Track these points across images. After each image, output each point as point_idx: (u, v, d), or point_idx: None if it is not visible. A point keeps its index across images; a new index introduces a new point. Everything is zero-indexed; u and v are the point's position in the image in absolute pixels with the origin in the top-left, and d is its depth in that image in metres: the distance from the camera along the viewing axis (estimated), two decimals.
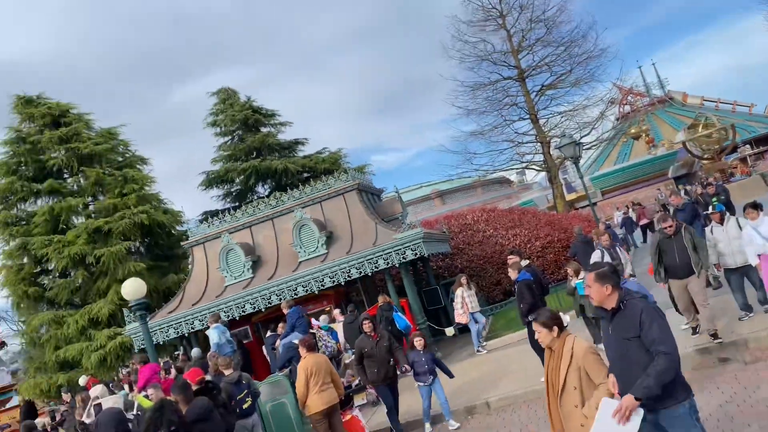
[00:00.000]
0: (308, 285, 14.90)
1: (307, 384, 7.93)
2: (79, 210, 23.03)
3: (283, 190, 20.63)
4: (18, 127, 23.98)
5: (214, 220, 17.49)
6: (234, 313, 15.30)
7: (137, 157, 25.35)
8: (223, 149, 26.90)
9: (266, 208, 16.94)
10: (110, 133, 24.83)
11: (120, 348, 19.63)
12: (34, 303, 22.47)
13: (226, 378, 8.42)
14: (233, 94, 27.42)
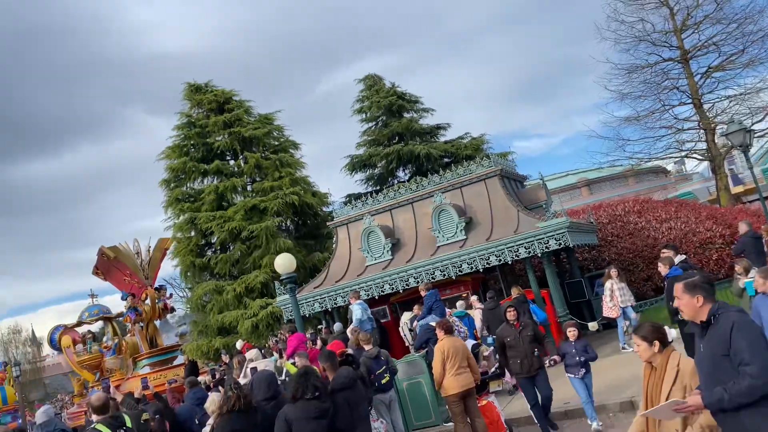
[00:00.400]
0: (446, 270, 15.02)
1: (443, 365, 8.05)
2: (239, 189, 25.08)
3: (423, 175, 20.89)
4: (188, 112, 26.53)
5: (357, 203, 18.17)
6: (373, 292, 15.83)
7: (290, 141, 27.00)
8: (367, 134, 27.75)
9: (407, 192, 17.25)
10: (267, 119, 26.66)
11: (270, 317, 21.16)
12: (199, 272, 24.86)
13: (367, 353, 8.77)
14: (379, 80, 28.12)
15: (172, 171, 25.34)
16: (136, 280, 17.04)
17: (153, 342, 16.67)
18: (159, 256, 17.61)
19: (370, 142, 27.28)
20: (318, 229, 25.36)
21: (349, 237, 17.76)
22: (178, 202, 25.03)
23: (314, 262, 22.99)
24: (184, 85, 26.70)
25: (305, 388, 5.77)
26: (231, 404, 5.70)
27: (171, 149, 25.75)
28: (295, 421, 5.60)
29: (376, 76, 28.29)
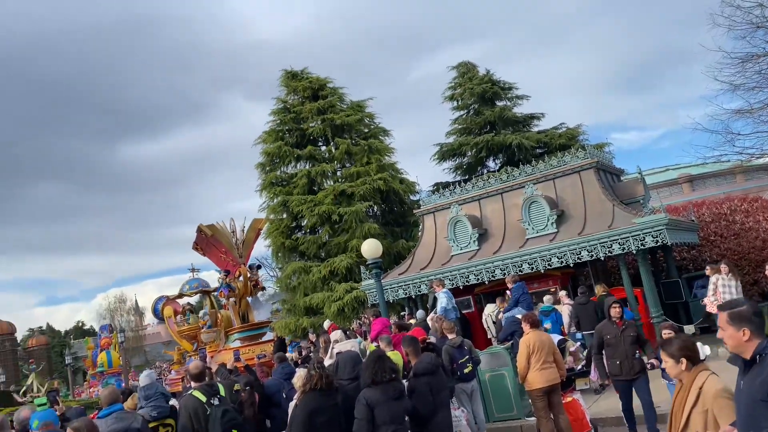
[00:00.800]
0: (534, 263, 14.70)
1: (528, 359, 7.92)
2: (329, 175, 25.67)
3: (514, 165, 20.48)
4: (284, 98, 27.38)
5: (444, 191, 18.10)
6: (458, 282, 15.77)
7: (380, 128, 27.27)
8: (458, 123, 27.47)
9: (496, 182, 16.98)
10: (359, 106, 27.05)
11: (355, 301, 21.60)
12: (289, 253, 25.75)
13: (449, 341, 8.77)
14: (472, 67, 27.73)
15: (267, 155, 26.28)
16: (230, 258, 17.79)
17: (245, 317, 17.42)
18: (252, 236, 18.31)
19: (461, 131, 27.01)
20: (404, 216, 25.52)
21: (436, 225, 17.75)
22: (272, 186, 25.95)
23: (399, 249, 23.18)
24: (282, 71, 27.59)
25: (383, 371, 5.87)
26: (313, 383, 5.88)
27: (267, 134, 26.71)
28: (377, 404, 5.71)
29: (469, 63, 27.93)
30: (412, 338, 7.47)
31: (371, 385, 5.86)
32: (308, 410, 5.69)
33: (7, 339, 53.03)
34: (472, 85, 26.48)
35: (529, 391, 8.17)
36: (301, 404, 5.90)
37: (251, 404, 8.43)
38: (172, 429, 6.65)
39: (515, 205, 16.02)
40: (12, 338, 54.44)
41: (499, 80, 27.16)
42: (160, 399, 6.72)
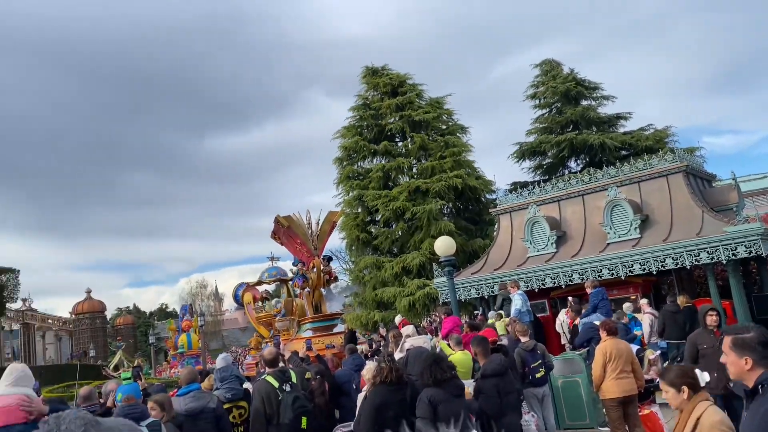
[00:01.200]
0: (615, 269, 14.14)
1: (604, 367, 7.64)
2: (405, 170, 25.75)
3: (597, 166, 19.81)
4: (364, 94, 27.69)
5: (522, 191, 17.72)
6: (533, 284, 15.40)
7: (458, 125, 27.09)
8: (539, 121, 26.87)
9: (578, 183, 16.45)
10: (438, 103, 26.96)
11: (426, 298, 21.58)
12: (362, 247, 26.06)
13: (522, 345, 8.59)
14: (556, 66, 27.04)
15: (345, 150, 26.69)
16: (305, 249, 18.16)
17: (318, 308, 17.76)
18: (327, 229, 18.62)
19: (542, 130, 26.40)
20: (480, 215, 25.24)
21: (512, 226, 17.41)
22: (349, 180, 26.33)
23: (473, 247, 22.95)
24: (363, 68, 27.92)
25: (441, 370, 5.81)
26: (383, 376, 5.90)
27: (346, 129, 27.12)
28: (439, 402, 5.66)
29: (553, 61, 27.25)
30: (482, 338, 7.37)
31: (432, 384, 5.81)
32: (377, 403, 5.71)
33: (98, 317, 56.47)
34: (556, 84, 25.81)
35: (603, 401, 7.88)
36: (370, 396, 5.93)
37: (321, 393, 8.57)
38: (245, 411, 6.86)
39: (597, 208, 15.47)
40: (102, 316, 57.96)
41: (584, 79, 26.35)
42: (234, 381, 6.95)
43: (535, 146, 25.84)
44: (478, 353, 6.97)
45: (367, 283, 25.00)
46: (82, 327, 54.85)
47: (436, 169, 24.27)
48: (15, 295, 46.31)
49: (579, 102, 25.96)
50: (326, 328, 17.36)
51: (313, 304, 17.75)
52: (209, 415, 6.08)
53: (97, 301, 57.33)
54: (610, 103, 26.40)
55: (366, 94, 27.64)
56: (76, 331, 55.24)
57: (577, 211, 16.25)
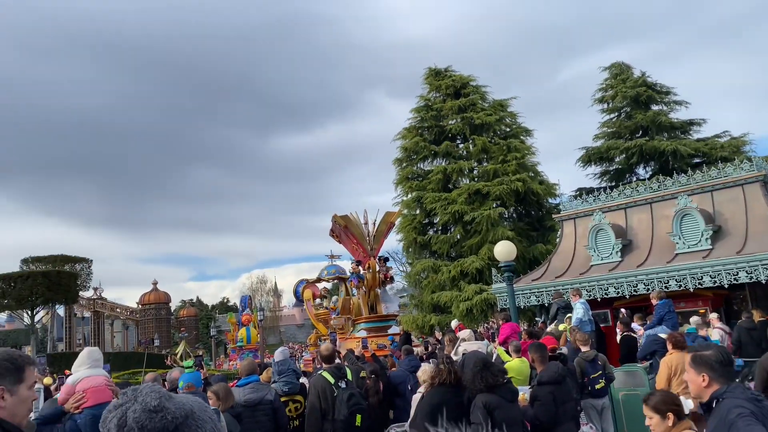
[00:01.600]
0: (683, 280, 13.57)
1: (668, 381, 7.34)
2: (465, 173, 25.55)
3: (667, 173, 19.10)
4: (426, 96, 27.67)
5: (587, 197, 17.27)
6: (596, 293, 14.97)
7: (522, 128, 26.65)
8: (607, 126, 26.14)
9: (646, 191, 15.89)
10: (501, 105, 26.62)
11: (484, 303, 21.33)
12: (419, 249, 26.02)
13: (582, 354, 8.37)
14: (626, 69, 26.24)
15: (405, 150, 26.72)
16: (361, 249, 18.24)
17: (373, 308, 17.82)
18: (384, 229, 18.62)
19: (610, 135, 25.66)
20: (541, 220, 24.74)
21: (576, 232, 16.99)
22: (408, 181, 26.35)
23: (534, 254, 22.53)
24: (426, 69, 27.88)
25: (493, 375, 5.71)
26: (442, 377, 5.87)
27: (407, 130, 27.16)
28: (495, 407, 5.58)
29: (623, 64, 26.47)
30: (540, 344, 7.22)
31: (485, 390, 5.73)
32: (434, 403, 5.69)
33: (163, 308, 58.64)
34: (626, 88, 25.04)
35: None
36: (427, 397, 5.92)
37: (376, 392, 8.62)
38: (301, 405, 6.97)
39: (665, 217, 14.91)
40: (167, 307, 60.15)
41: (656, 83, 25.46)
42: (291, 375, 7.07)
43: (602, 151, 25.14)
44: (536, 360, 6.84)
45: (424, 286, 24.95)
46: (148, 317, 57.09)
47: (499, 171, 23.97)
48: (87, 284, 48.73)
49: (650, 107, 25.09)
50: (380, 329, 17.37)
51: (369, 304, 17.81)
52: (267, 407, 6.22)
53: (163, 293, 59.50)
54: (683, 108, 25.42)
55: (428, 95, 27.62)
56: (142, 320, 57.56)
57: (644, 220, 15.71)
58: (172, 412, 1.28)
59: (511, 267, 12.56)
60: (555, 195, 24.96)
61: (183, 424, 1.29)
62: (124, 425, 1.26)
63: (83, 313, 54.37)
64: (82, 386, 4.47)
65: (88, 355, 4.76)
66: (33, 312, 36.85)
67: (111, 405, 1.32)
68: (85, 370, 4.61)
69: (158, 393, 1.30)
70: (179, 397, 1.34)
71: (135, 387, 1.34)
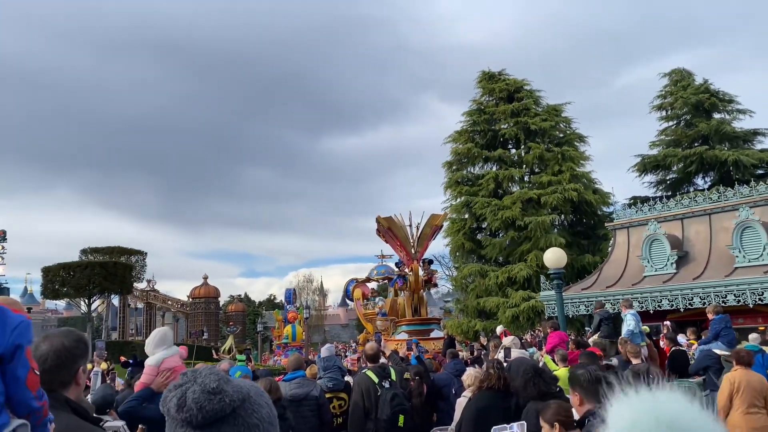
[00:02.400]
0: (742, 295, 13.04)
1: (730, 398, 7.04)
2: (517, 179, 25.21)
3: (727, 184, 18.38)
4: (479, 99, 27.43)
5: (642, 206, 16.80)
6: (648, 305, 14.55)
7: (576, 134, 26.11)
8: (665, 134, 25.36)
9: (705, 201, 15.35)
10: (555, 110, 26.16)
11: (531, 311, 20.98)
12: (467, 254, 25.80)
13: (633, 367, 8.11)
14: (687, 75, 25.39)
15: (456, 154, 26.54)
16: (405, 252, 18.04)
17: (417, 311, 17.67)
18: (429, 232, 18.21)
19: (668, 143, 24.88)
20: (593, 229, 24.17)
21: (629, 242, 16.54)
22: (457, 185, 26.17)
23: (584, 263, 22.02)
24: (479, 72, 27.65)
25: (545, 383, 5.59)
26: (491, 382, 5.80)
27: (458, 133, 26.97)
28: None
29: (684, 70, 25.62)
30: (591, 354, 7.05)
31: (537, 397, 5.61)
32: (481, 407, 5.62)
33: (212, 302, 59.92)
34: (686, 95, 24.23)
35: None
36: (474, 400, 5.86)
37: (419, 394, 8.57)
38: (345, 403, 7.00)
39: (725, 229, 14.36)
40: (216, 302, 61.44)
41: (718, 91, 24.54)
42: (336, 372, 7.12)
43: (659, 160, 24.39)
44: None
45: (470, 290, 24.73)
46: (198, 310, 58.46)
47: (552, 181, 23.55)
48: (141, 276, 50.33)
49: (711, 115, 24.20)
50: (422, 332, 16.96)
51: (413, 306, 17.65)
52: (312, 403, 6.27)
53: (213, 287, 60.83)
54: (747, 117, 24.41)
55: (481, 99, 27.38)
56: (191, 313, 59.00)
57: (702, 231, 15.17)
58: (230, 395, 1.30)
59: (560, 274, 12.31)
60: (609, 203, 24.37)
61: (240, 407, 1.32)
62: (184, 405, 1.29)
63: (136, 304, 56.16)
64: (167, 365, 4.66)
65: (162, 337, 4.93)
66: (90, 300, 38.26)
67: (171, 385, 1.35)
68: (164, 351, 4.79)
69: (217, 375, 1.33)
70: (237, 380, 1.37)
71: (195, 369, 1.37)
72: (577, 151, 24.98)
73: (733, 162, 21.79)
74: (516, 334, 19.10)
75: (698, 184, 24.22)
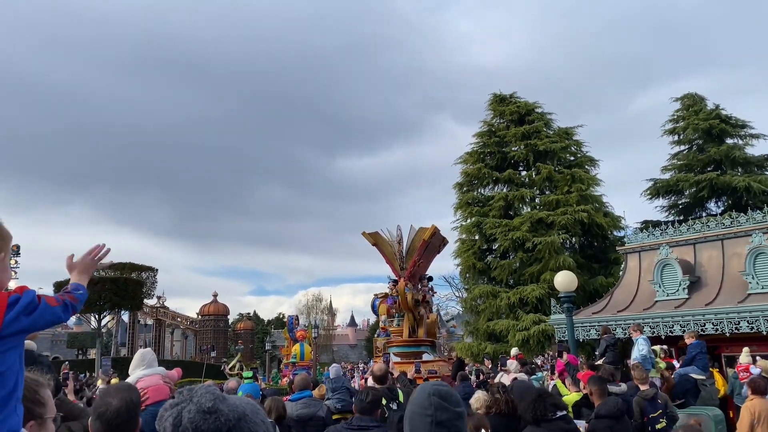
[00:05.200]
0: (755, 322, 12.85)
1: (751, 428, 6.94)
2: (527, 200, 25.17)
3: (740, 210, 18.25)
4: (490, 121, 27.54)
5: (654, 230, 16.69)
6: (660, 330, 14.37)
7: (587, 157, 26.09)
8: (677, 158, 25.28)
9: (717, 226, 15.23)
10: (566, 133, 26.18)
11: (542, 335, 20.79)
12: (477, 275, 25.68)
13: (641, 393, 8.02)
14: (699, 100, 25.37)
15: (466, 175, 26.58)
16: (392, 268, 16.73)
17: (414, 331, 16.57)
18: (417, 247, 16.60)
19: (680, 167, 24.79)
20: (605, 252, 24.00)
21: (640, 266, 16.41)
22: (468, 206, 26.16)
23: (595, 286, 21.85)
24: (490, 95, 27.77)
25: (544, 408, 5.52)
26: (499, 407, 5.76)
27: (469, 155, 27.04)
28: None
29: (696, 95, 25.60)
30: (601, 378, 6.97)
31: (533, 423, 5.55)
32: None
33: (221, 320, 59.97)
34: (698, 120, 24.20)
35: None
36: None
37: None
38: None
39: (737, 255, 14.22)
40: (225, 319, 61.45)
41: (730, 116, 24.48)
42: (345, 393, 7.10)
43: (671, 184, 24.28)
44: (594, 393, 6.59)
45: (480, 312, 24.56)
46: (207, 328, 58.47)
47: (561, 202, 23.49)
48: (152, 292, 50.43)
49: (723, 140, 24.13)
50: (411, 355, 16.10)
51: (410, 326, 16.37)
52: (318, 423, 6.24)
53: (222, 305, 60.88)
54: (759, 142, 24.30)
55: (492, 121, 27.48)
56: (200, 331, 59.01)
57: (714, 257, 15.03)
58: (225, 414, 1.31)
59: (571, 298, 12.22)
60: (620, 227, 24.23)
61: (236, 426, 1.32)
62: (179, 425, 1.30)
63: (146, 320, 56.29)
64: (142, 385, 4.65)
65: (141, 357, 4.98)
66: (100, 316, 38.41)
67: (167, 403, 1.36)
68: (142, 371, 4.80)
69: (213, 394, 1.34)
70: (233, 398, 1.38)
71: (191, 387, 1.38)
72: (588, 174, 24.93)
73: (744, 188, 21.64)
74: (527, 358, 18.94)
75: (710, 209, 24.07)
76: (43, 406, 2.00)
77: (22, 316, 1.84)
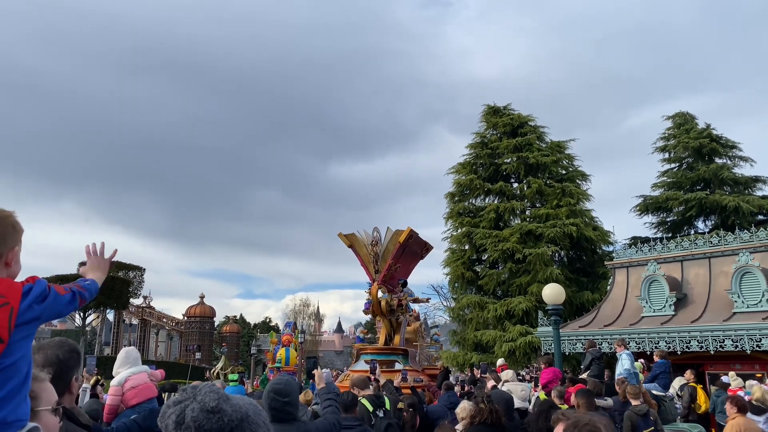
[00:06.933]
0: (740, 341, 12.97)
1: None
2: (518, 213, 25.27)
3: (728, 229, 18.45)
4: (483, 133, 27.65)
5: (642, 246, 16.82)
6: (646, 346, 14.45)
7: (578, 172, 26.24)
8: (667, 176, 25.52)
9: (704, 244, 15.39)
10: (559, 146, 26.34)
11: (528, 346, 20.83)
12: (465, 284, 25.70)
13: (634, 408, 8.05)
14: (690, 119, 25.67)
15: (458, 186, 26.66)
16: (366, 272, 15.82)
17: (391, 338, 16.22)
18: (392, 249, 15.62)
19: (669, 185, 25.02)
20: (593, 266, 24.13)
21: (628, 282, 16.53)
22: (459, 216, 26.22)
23: (583, 300, 21.95)
24: (484, 106, 27.90)
25: (548, 421, 5.57)
26: (483, 417, 5.76)
27: (461, 165, 27.13)
28: None
29: (687, 114, 25.89)
30: (588, 391, 7.00)
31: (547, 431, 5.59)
32: None
33: (207, 322, 59.54)
34: (688, 138, 24.48)
35: None
36: None
37: (412, 426, 8.49)
38: None
39: (724, 273, 14.36)
40: (211, 322, 61.02)
41: (721, 136, 24.78)
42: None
43: (661, 201, 24.50)
44: (582, 406, 6.61)
45: (467, 322, 24.58)
46: (192, 329, 58.01)
47: (551, 215, 23.62)
48: (138, 292, 50.03)
49: (713, 159, 24.40)
50: (383, 363, 14.67)
51: (387, 334, 15.62)
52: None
53: (209, 307, 60.47)
54: (747, 165, 24.62)
55: (485, 133, 27.59)
56: (186, 332, 58.53)
57: (701, 274, 15.17)
58: (229, 415, 1.31)
59: (558, 311, 12.29)
60: (609, 242, 24.37)
61: (238, 427, 1.33)
62: (182, 423, 1.30)
63: (131, 320, 55.74)
64: (131, 384, 4.62)
65: (126, 355, 4.92)
66: (85, 314, 38.03)
67: (171, 400, 1.36)
68: (128, 370, 4.74)
69: (217, 394, 1.34)
70: (236, 398, 1.38)
71: (194, 385, 1.38)
72: (579, 188, 25.09)
73: (733, 208, 21.88)
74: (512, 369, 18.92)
75: (699, 228, 24.31)
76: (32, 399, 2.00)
77: (35, 305, 1.88)
